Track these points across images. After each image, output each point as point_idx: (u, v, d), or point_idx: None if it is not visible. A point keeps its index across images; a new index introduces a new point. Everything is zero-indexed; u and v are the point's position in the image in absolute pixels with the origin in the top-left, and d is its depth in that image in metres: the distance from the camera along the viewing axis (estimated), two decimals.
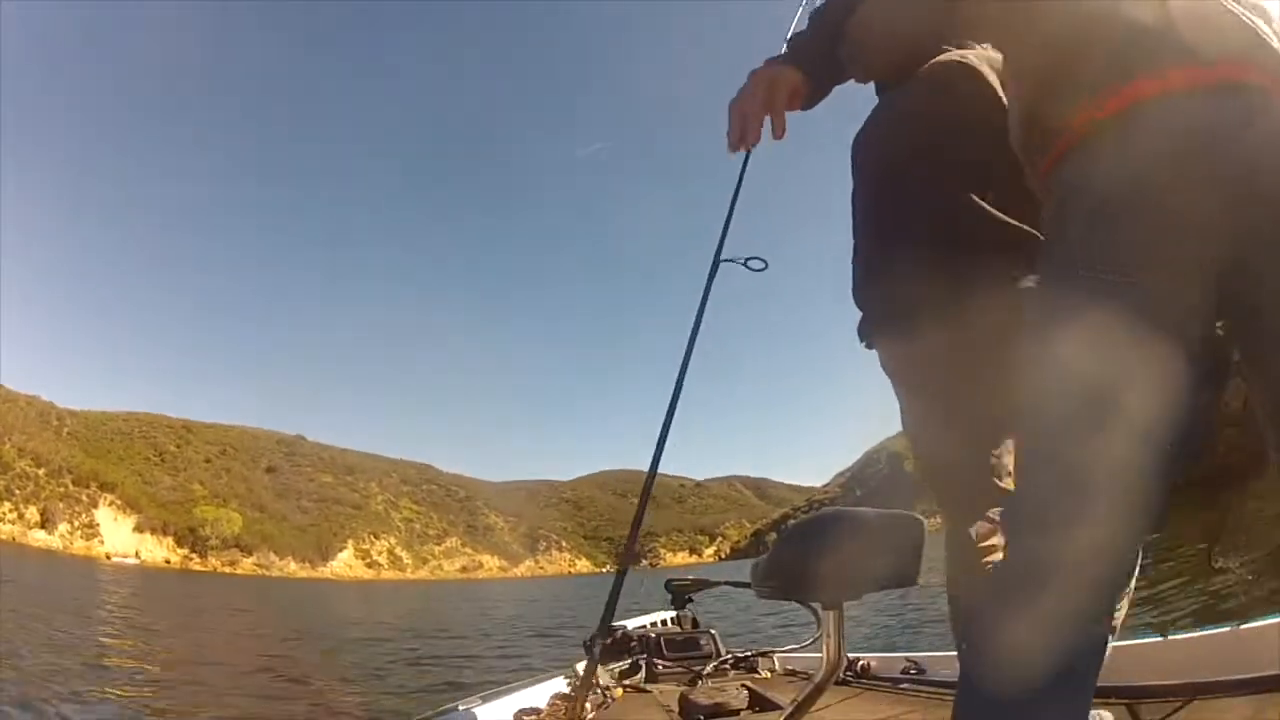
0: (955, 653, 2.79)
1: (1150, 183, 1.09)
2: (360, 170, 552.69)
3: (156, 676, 9.34)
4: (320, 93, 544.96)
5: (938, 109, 2.06)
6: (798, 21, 1.82)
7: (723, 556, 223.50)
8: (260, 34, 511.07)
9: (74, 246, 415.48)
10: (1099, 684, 2.32)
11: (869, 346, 2.17)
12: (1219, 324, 1.20)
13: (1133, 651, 2.36)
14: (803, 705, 1.51)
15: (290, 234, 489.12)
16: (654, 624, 4.01)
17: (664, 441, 1.68)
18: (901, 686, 2.65)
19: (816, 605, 1.63)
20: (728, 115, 1.60)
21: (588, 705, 2.71)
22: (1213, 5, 1.13)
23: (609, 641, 3.55)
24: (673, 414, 1.66)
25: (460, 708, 2.56)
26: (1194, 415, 1.17)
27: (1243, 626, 2.03)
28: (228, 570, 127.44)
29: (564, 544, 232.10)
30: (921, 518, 1.54)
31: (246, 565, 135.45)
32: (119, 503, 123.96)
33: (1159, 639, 2.28)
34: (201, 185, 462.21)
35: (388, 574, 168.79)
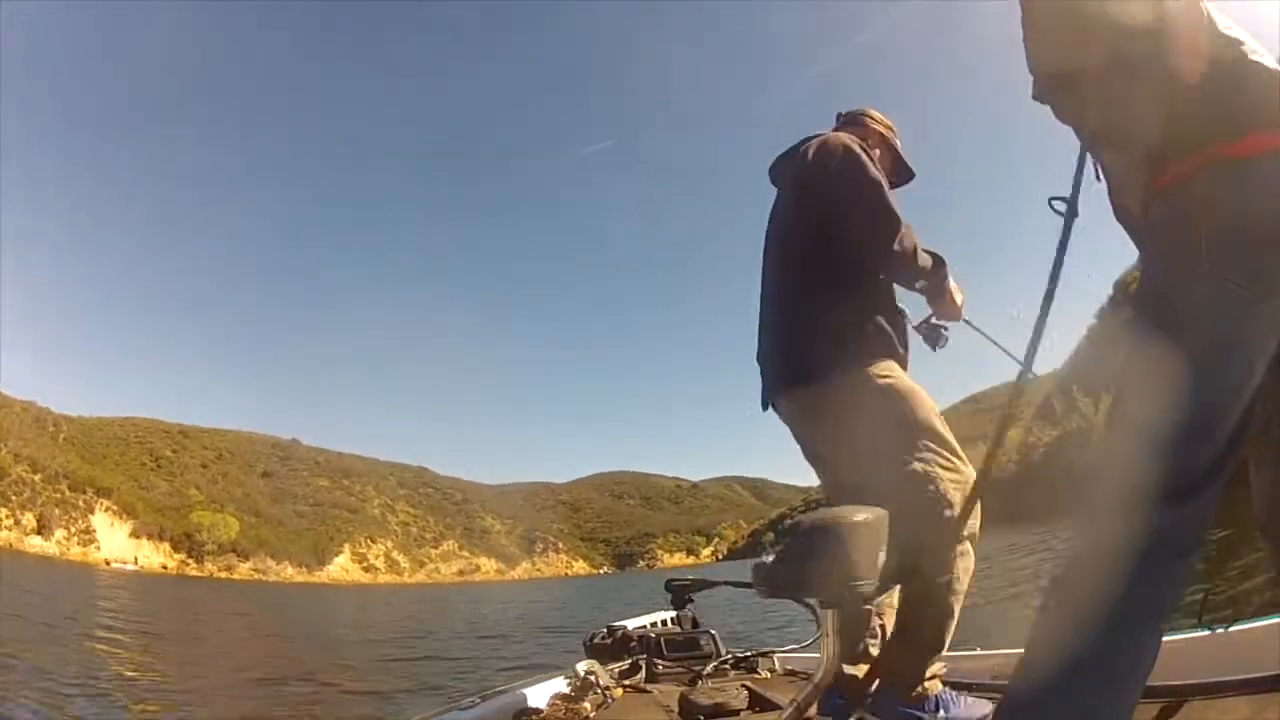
0: (954, 652, 2.80)
1: None
2: (357, 173, 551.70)
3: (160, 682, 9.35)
4: (316, 95, 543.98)
5: (827, 192, 2.36)
6: None
7: (720, 557, 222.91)
8: (259, 34, 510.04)
9: (72, 252, 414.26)
10: None
11: (775, 405, 2.51)
12: None
13: None
14: (803, 705, 1.52)
15: (287, 237, 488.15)
16: (654, 624, 4.02)
17: None
18: None
19: (816, 605, 1.65)
20: None
21: (588, 705, 2.71)
22: None
23: (609, 642, 3.56)
24: None
25: (460, 708, 2.56)
26: (1246, 429, 1.25)
27: (1243, 627, 2.04)
28: (224, 575, 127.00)
29: (561, 546, 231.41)
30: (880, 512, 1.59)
31: (243, 570, 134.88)
32: (115, 508, 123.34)
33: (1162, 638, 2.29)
34: (199, 189, 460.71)
35: (385, 578, 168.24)
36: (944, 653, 2.21)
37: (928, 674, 2.16)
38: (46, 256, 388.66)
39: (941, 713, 2.16)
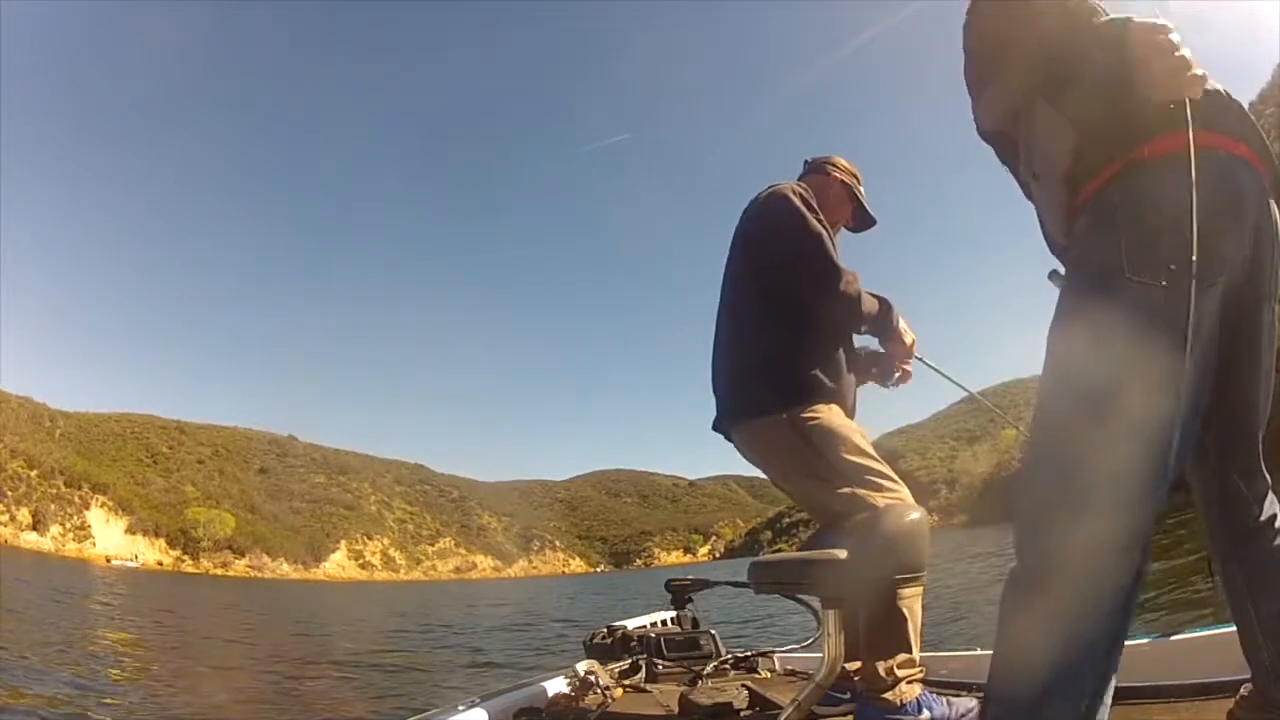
0: (954, 652, 2.79)
1: (1210, 211, 1.22)
2: (357, 169, 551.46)
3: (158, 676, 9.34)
4: (317, 91, 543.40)
5: (771, 245, 2.53)
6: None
7: (717, 556, 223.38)
8: (259, 32, 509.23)
9: (70, 248, 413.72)
10: None
11: (728, 436, 2.60)
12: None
13: (1133, 651, 2.36)
14: (803, 705, 1.52)
15: (285, 234, 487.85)
16: (654, 624, 4.01)
17: None
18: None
19: (816, 604, 1.65)
20: None
21: (588, 704, 2.71)
22: (1236, 100, 1.41)
23: (609, 642, 3.55)
24: None
25: (459, 708, 2.55)
26: (1194, 420, 1.29)
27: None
28: (220, 572, 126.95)
29: (558, 544, 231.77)
30: (921, 510, 1.60)
31: (239, 567, 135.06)
32: (111, 504, 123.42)
33: (1159, 639, 2.29)
34: (196, 186, 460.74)
35: (381, 575, 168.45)
36: (917, 654, 2.25)
37: (903, 677, 2.20)
38: (46, 253, 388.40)
39: (925, 713, 2.18)
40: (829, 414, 2.40)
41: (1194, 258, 1.19)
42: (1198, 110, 1.27)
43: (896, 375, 2.75)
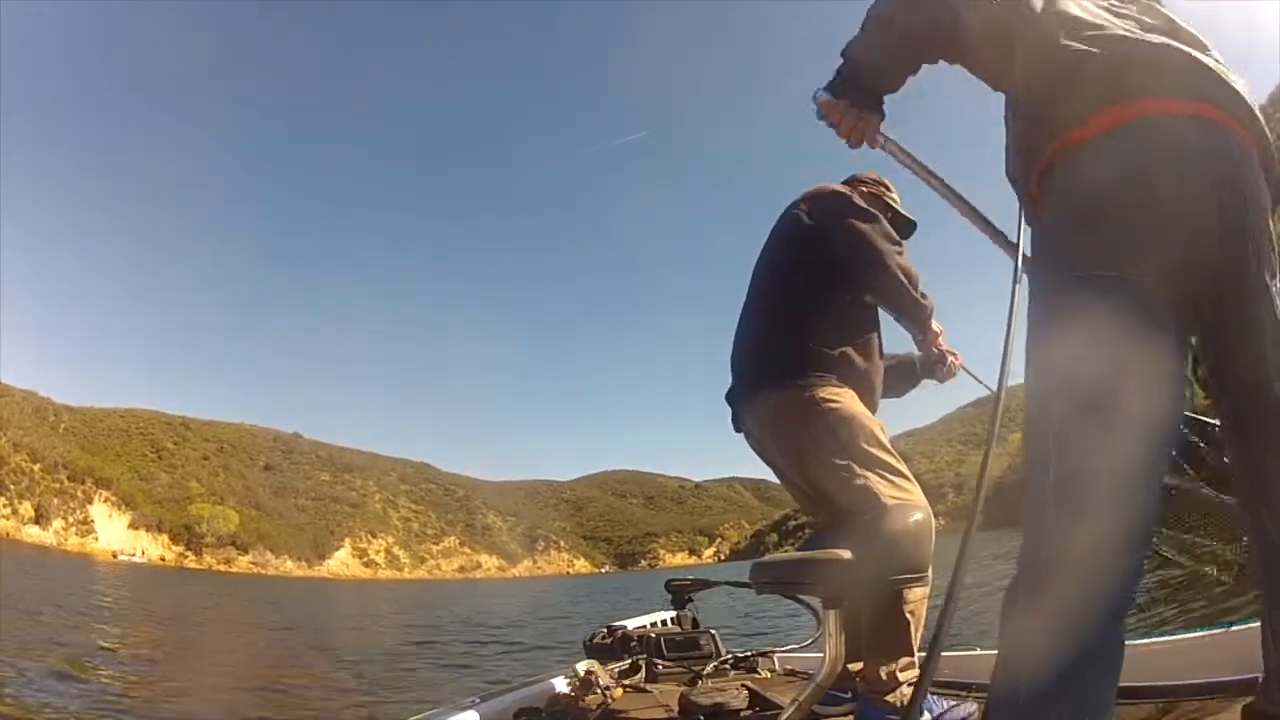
0: (954, 653, 2.78)
1: (1146, 186, 1.19)
2: (363, 168, 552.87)
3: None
4: (325, 89, 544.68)
5: (823, 222, 2.50)
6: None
7: (722, 558, 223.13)
8: (266, 33, 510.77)
9: (76, 242, 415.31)
10: None
11: (740, 412, 2.55)
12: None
13: (1134, 651, 2.35)
14: (803, 705, 1.52)
15: (291, 232, 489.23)
16: (654, 624, 4.00)
17: None
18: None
19: (817, 604, 1.65)
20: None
21: (588, 704, 2.70)
22: (1202, 59, 1.31)
23: (609, 642, 3.54)
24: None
25: (459, 708, 2.55)
26: (1180, 407, 1.25)
27: (1241, 627, 2.03)
28: (223, 569, 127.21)
29: (562, 544, 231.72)
30: (925, 510, 1.60)
31: (242, 563, 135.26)
32: (114, 499, 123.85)
33: (1161, 639, 2.28)
34: (202, 183, 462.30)
35: (385, 573, 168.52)
36: (918, 657, 2.23)
37: (905, 680, 2.18)
38: (53, 247, 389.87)
39: (926, 715, 2.16)
40: (851, 400, 2.34)
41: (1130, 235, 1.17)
42: (1152, 72, 1.26)
43: (947, 367, 2.75)
